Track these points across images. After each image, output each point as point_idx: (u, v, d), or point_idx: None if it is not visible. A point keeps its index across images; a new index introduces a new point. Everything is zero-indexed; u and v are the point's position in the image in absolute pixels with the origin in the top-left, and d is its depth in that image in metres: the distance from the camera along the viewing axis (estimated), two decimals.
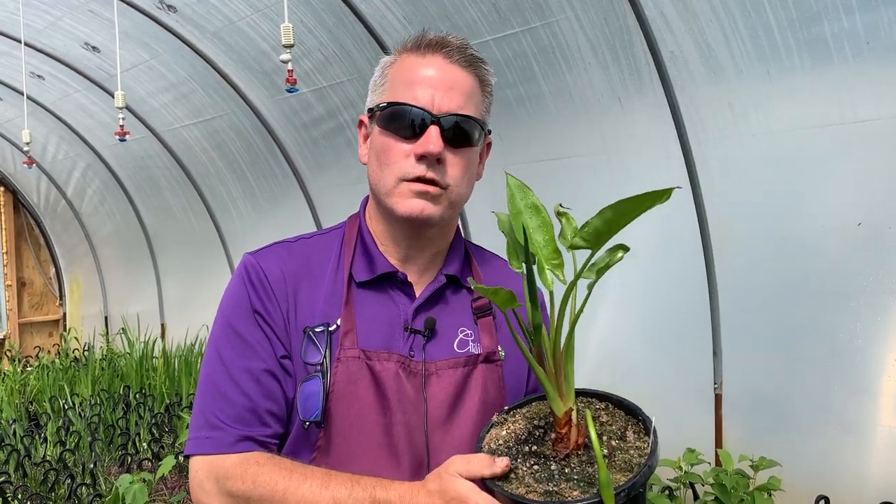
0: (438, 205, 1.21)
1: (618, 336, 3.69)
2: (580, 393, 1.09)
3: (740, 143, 3.10)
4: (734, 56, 2.99)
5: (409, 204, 1.19)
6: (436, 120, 1.18)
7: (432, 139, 1.17)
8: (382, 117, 1.22)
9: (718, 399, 3.29)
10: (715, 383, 3.30)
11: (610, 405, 1.07)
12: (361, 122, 1.31)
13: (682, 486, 3.02)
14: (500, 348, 1.29)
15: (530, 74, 3.68)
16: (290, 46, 2.97)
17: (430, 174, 1.19)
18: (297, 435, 1.21)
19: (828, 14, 2.70)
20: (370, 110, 1.27)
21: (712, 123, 3.17)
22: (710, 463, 3.15)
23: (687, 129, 3.23)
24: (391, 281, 1.27)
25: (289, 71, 3.06)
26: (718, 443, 3.27)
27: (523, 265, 1.01)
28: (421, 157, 1.18)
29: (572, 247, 0.96)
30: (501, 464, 0.99)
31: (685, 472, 2.99)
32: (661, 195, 0.84)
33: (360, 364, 1.20)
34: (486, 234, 4.12)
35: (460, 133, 1.20)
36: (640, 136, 3.44)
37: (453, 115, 1.19)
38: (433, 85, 1.20)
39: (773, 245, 3.09)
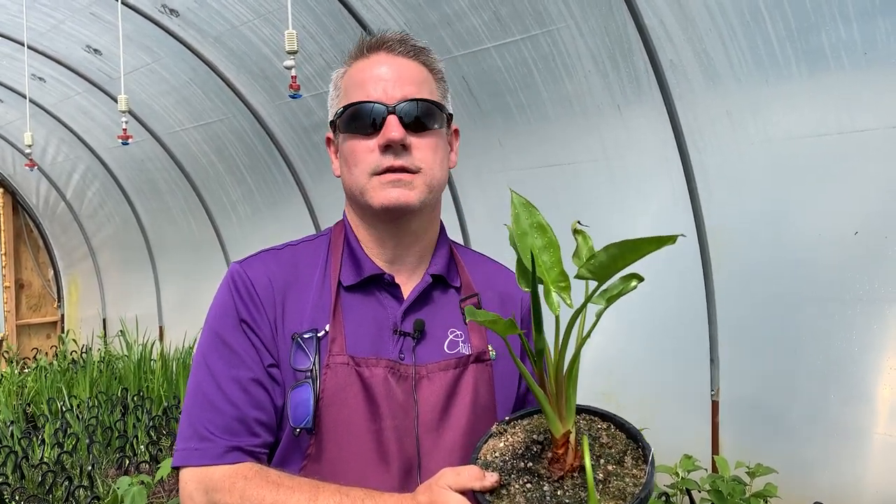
0: (414, 189, 1.21)
1: (615, 342, 3.70)
2: (583, 410, 1.06)
3: (738, 152, 3.12)
4: (732, 65, 3.01)
5: (385, 194, 1.20)
6: (391, 109, 1.20)
7: (393, 127, 1.18)
8: (343, 122, 1.24)
9: (715, 406, 3.30)
10: (712, 390, 3.31)
11: (612, 426, 1.04)
12: (329, 140, 1.32)
13: (678, 493, 3.03)
14: (490, 347, 1.27)
15: (531, 81, 3.70)
16: (294, 53, 2.98)
17: (399, 162, 1.20)
18: (287, 443, 1.20)
19: (825, 24, 2.73)
20: (332, 123, 1.28)
21: (710, 131, 3.19)
22: (706, 469, 3.16)
23: (685, 137, 3.25)
24: (378, 283, 1.27)
25: (292, 77, 3.07)
26: (715, 449, 3.28)
27: (530, 288, 0.99)
28: (386, 148, 1.19)
29: (578, 276, 0.95)
30: (491, 479, 0.97)
31: (682, 478, 3.00)
32: (668, 239, 0.86)
33: (348, 370, 1.19)
34: (485, 242, 4.14)
35: (419, 116, 1.21)
36: (639, 143, 3.46)
37: (408, 100, 1.20)
38: (382, 79, 1.21)
39: (770, 253, 3.10)
